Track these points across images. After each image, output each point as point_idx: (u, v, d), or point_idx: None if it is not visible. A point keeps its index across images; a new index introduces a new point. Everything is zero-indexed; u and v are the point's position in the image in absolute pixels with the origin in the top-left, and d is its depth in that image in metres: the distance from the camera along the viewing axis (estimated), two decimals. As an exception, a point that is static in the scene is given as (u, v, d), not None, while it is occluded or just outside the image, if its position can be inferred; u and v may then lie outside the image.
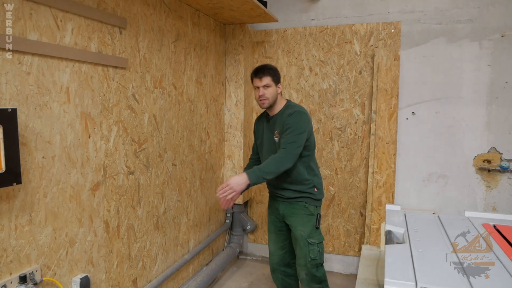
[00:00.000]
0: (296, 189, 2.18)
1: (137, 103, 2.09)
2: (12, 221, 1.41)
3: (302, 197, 2.19)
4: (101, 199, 1.85)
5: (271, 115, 2.26)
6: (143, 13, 2.09)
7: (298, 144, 2.05)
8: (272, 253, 2.39)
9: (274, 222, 2.36)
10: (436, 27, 2.91)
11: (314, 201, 2.21)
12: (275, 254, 2.37)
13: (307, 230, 2.17)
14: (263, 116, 2.37)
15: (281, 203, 2.26)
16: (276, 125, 2.20)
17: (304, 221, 2.18)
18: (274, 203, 2.33)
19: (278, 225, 2.34)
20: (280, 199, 2.26)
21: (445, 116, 2.93)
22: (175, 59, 2.43)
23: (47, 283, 1.57)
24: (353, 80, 3.11)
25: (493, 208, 2.88)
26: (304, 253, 2.16)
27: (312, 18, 3.24)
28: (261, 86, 2.15)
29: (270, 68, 2.18)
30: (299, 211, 2.19)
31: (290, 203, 2.22)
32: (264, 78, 2.14)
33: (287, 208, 2.23)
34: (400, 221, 1.54)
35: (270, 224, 2.39)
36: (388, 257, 1.18)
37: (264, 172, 1.96)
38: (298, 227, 2.18)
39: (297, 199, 2.19)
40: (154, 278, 2.32)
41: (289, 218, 2.23)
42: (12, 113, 1.32)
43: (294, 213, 2.21)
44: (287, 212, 2.24)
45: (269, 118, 2.26)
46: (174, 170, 2.49)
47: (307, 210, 2.19)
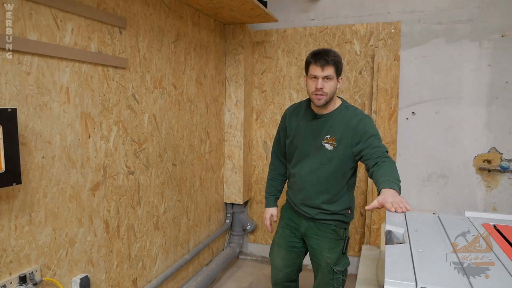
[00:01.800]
0: (329, 209, 1.85)
1: (137, 103, 2.09)
2: (12, 221, 1.41)
3: (333, 220, 1.86)
4: (101, 199, 1.85)
5: (319, 112, 1.84)
6: (143, 13, 2.09)
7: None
8: (278, 269, 2.05)
9: (287, 238, 2.00)
10: (436, 27, 2.91)
11: (344, 224, 1.90)
12: (282, 271, 2.04)
13: (333, 257, 1.87)
14: (302, 110, 1.93)
15: (304, 220, 1.93)
16: (328, 128, 1.80)
17: (331, 246, 1.87)
18: (294, 218, 1.98)
19: (292, 241, 2.00)
20: (304, 216, 1.92)
21: (445, 116, 2.93)
22: (175, 59, 2.43)
23: (47, 283, 1.57)
24: (353, 80, 3.11)
25: (493, 208, 2.88)
26: (326, 281, 1.88)
27: (312, 18, 3.24)
28: (321, 77, 1.70)
29: (336, 56, 1.73)
30: (327, 234, 1.87)
31: (315, 223, 1.89)
32: (327, 67, 1.70)
33: (311, 228, 1.90)
34: (400, 221, 1.54)
35: (282, 238, 2.02)
36: (388, 257, 1.18)
37: (397, 180, 1.52)
38: (324, 253, 1.87)
39: (326, 221, 1.87)
40: (154, 278, 2.32)
41: (312, 239, 1.91)
42: (12, 113, 1.32)
43: (320, 235, 1.88)
44: (310, 232, 1.91)
45: (316, 116, 1.84)
46: (174, 170, 2.49)
47: (335, 234, 1.87)
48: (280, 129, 2.03)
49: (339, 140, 1.77)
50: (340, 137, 1.77)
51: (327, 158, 1.80)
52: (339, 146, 1.77)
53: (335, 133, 1.78)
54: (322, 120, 1.83)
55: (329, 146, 1.78)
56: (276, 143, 2.08)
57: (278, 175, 2.11)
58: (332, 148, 1.78)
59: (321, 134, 1.82)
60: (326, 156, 1.80)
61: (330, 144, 1.78)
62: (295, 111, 1.97)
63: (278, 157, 2.10)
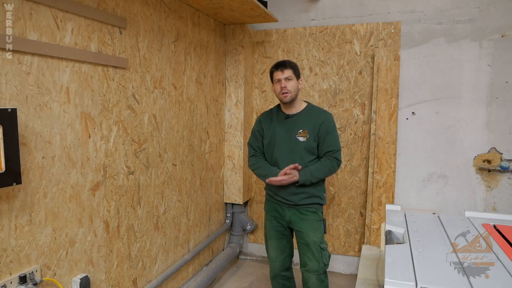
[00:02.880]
0: (309, 192, 2.15)
1: (137, 103, 2.09)
2: (12, 221, 1.41)
3: (313, 203, 2.17)
4: (101, 199, 1.85)
5: (289, 113, 2.21)
6: (143, 13, 2.09)
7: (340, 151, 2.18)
8: (273, 260, 2.32)
9: (275, 228, 2.28)
10: (436, 27, 2.91)
11: (321, 206, 2.22)
12: (277, 260, 2.31)
13: (319, 236, 2.16)
14: (274, 114, 2.28)
15: (287, 209, 2.20)
16: (299, 124, 2.16)
17: (315, 227, 2.16)
18: (277, 209, 2.25)
19: (280, 230, 2.28)
20: (286, 205, 2.20)
21: (445, 116, 2.93)
22: (175, 59, 2.43)
23: (47, 283, 1.57)
24: (353, 80, 3.11)
25: (493, 208, 2.88)
26: (317, 258, 2.15)
27: (312, 18, 3.24)
28: (283, 78, 2.11)
29: (292, 62, 2.18)
30: (310, 216, 2.17)
31: (298, 209, 2.17)
32: (286, 70, 2.12)
33: (295, 214, 2.18)
34: (400, 221, 1.54)
35: (271, 230, 2.30)
36: (388, 257, 1.18)
37: (314, 176, 2.08)
38: (310, 233, 2.15)
39: (307, 205, 2.17)
40: (154, 278, 2.32)
41: (298, 224, 2.18)
42: (12, 113, 1.32)
43: (305, 219, 2.17)
44: (295, 218, 2.19)
45: (287, 116, 2.20)
46: (174, 170, 2.49)
47: (317, 215, 2.18)
48: (256, 130, 2.34)
49: (310, 132, 2.15)
50: (310, 129, 2.15)
51: (302, 148, 2.15)
52: (310, 137, 2.15)
53: (307, 127, 2.15)
54: (293, 119, 2.19)
55: (302, 138, 2.15)
56: (254, 140, 2.34)
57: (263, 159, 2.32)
58: (305, 140, 2.15)
59: (294, 129, 2.17)
60: (301, 147, 2.15)
61: (303, 137, 2.15)
62: (268, 116, 2.32)
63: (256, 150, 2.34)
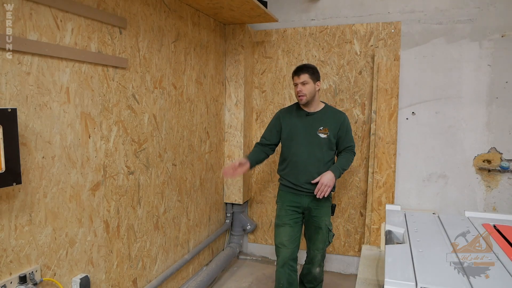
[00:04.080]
0: None
1: (137, 103, 2.09)
2: (12, 221, 1.41)
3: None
4: (101, 199, 1.85)
5: (309, 111, 2.40)
6: (143, 13, 2.09)
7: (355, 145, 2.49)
8: (285, 246, 2.40)
9: (291, 216, 2.42)
10: (436, 27, 2.91)
11: (331, 192, 2.40)
12: (289, 247, 2.39)
13: (328, 219, 2.43)
14: (294, 111, 2.45)
15: (305, 197, 2.39)
16: (320, 122, 2.36)
17: (327, 212, 2.42)
18: (295, 198, 2.41)
19: (296, 217, 2.43)
20: (305, 193, 2.38)
21: (445, 116, 2.93)
22: (175, 59, 2.43)
23: (47, 283, 1.57)
24: (353, 80, 3.11)
25: (493, 208, 2.88)
26: (324, 238, 2.42)
27: (312, 18, 3.24)
28: (299, 83, 2.30)
29: (309, 67, 2.33)
30: (324, 203, 2.40)
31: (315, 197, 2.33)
32: (302, 75, 2.29)
33: (313, 201, 2.38)
34: (400, 221, 1.54)
35: (286, 217, 2.42)
36: (388, 257, 1.18)
37: (343, 169, 2.36)
38: (323, 218, 2.40)
39: None
40: (154, 278, 2.32)
41: (314, 210, 2.40)
42: (12, 113, 1.32)
43: (320, 205, 2.39)
44: (313, 205, 2.39)
45: (308, 114, 2.39)
46: (174, 170, 2.49)
47: (329, 201, 2.43)
48: (273, 126, 2.51)
49: (330, 129, 2.36)
50: (331, 127, 2.36)
51: (322, 143, 2.36)
52: (330, 134, 2.36)
53: (328, 125, 2.37)
54: (314, 117, 2.39)
55: (323, 135, 2.36)
56: (269, 133, 2.52)
57: (261, 151, 2.50)
58: (325, 136, 2.36)
59: (314, 126, 2.37)
60: (321, 142, 2.36)
61: (323, 133, 2.36)
62: (288, 111, 2.50)
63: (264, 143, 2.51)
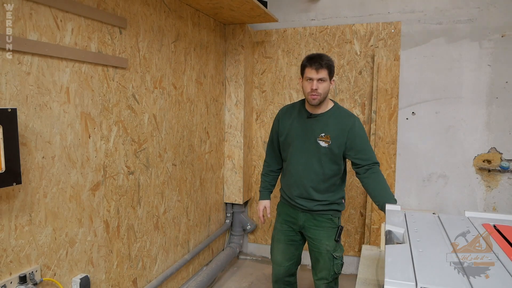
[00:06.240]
0: (325, 199, 2.01)
1: (137, 103, 2.09)
2: (12, 221, 1.41)
3: (330, 209, 2.03)
4: (101, 199, 1.85)
5: (313, 112, 1.99)
6: (143, 13, 2.09)
7: None
8: (278, 264, 2.18)
9: (286, 233, 2.14)
10: (436, 27, 2.91)
11: (338, 212, 2.08)
12: (282, 265, 2.17)
13: (332, 244, 2.03)
14: (296, 110, 2.07)
15: (301, 213, 2.06)
16: (322, 127, 1.95)
17: (329, 235, 2.03)
18: (291, 213, 2.11)
19: (290, 235, 2.14)
20: (300, 209, 2.06)
21: (445, 116, 2.93)
22: (175, 59, 2.43)
23: (47, 283, 1.57)
24: (353, 80, 3.11)
25: (493, 208, 2.88)
26: (328, 267, 2.04)
27: (312, 18, 3.24)
28: (316, 79, 1.86)
29: (329, 60, 1.89)
30: (324, 224, 2.03)
31: (312, 215, 2.04)
32: (321, 70, 1.86)
33: (309, 220, 2.05)
34: (400, 221, 1.54)
35: (280, 234, 2.16)
36: (388, 257, 1.18)
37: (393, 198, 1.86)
38: (323, 241, 2.03)
39: (323, 211, 2.03)
40: (154, 278, 2.32)
41: (310, 230, 2.06)
42: (12, 113, 1.32)
43: (319, 226, 2.04)
44: (309, 224, 2.05)
45: (310, 116, 1.99)
46: (174, 170, 2.49)
47: (332, 222, 2.04)
48: (273, 129, 2.20)
49: (333, 138, 1.94)
50: (334, 135, 1.94)
51: (322, 154, 1.96)
52: (333, 144, 1.94)
53: (330, 132, 1.94)
54: (316, 119, 1.98)
55: (324, 143, 1.95)
56: (270, 142, 2.24)
57: (271, 172, 2.26)
58: (327, 145, 1.94)
59: (315, 132, 1.96)
60: (321, 152, 1.96)
61: (324, 142, 1.95)
62: (288, 111, 2.12)
63: (271, 155, 2.25)
